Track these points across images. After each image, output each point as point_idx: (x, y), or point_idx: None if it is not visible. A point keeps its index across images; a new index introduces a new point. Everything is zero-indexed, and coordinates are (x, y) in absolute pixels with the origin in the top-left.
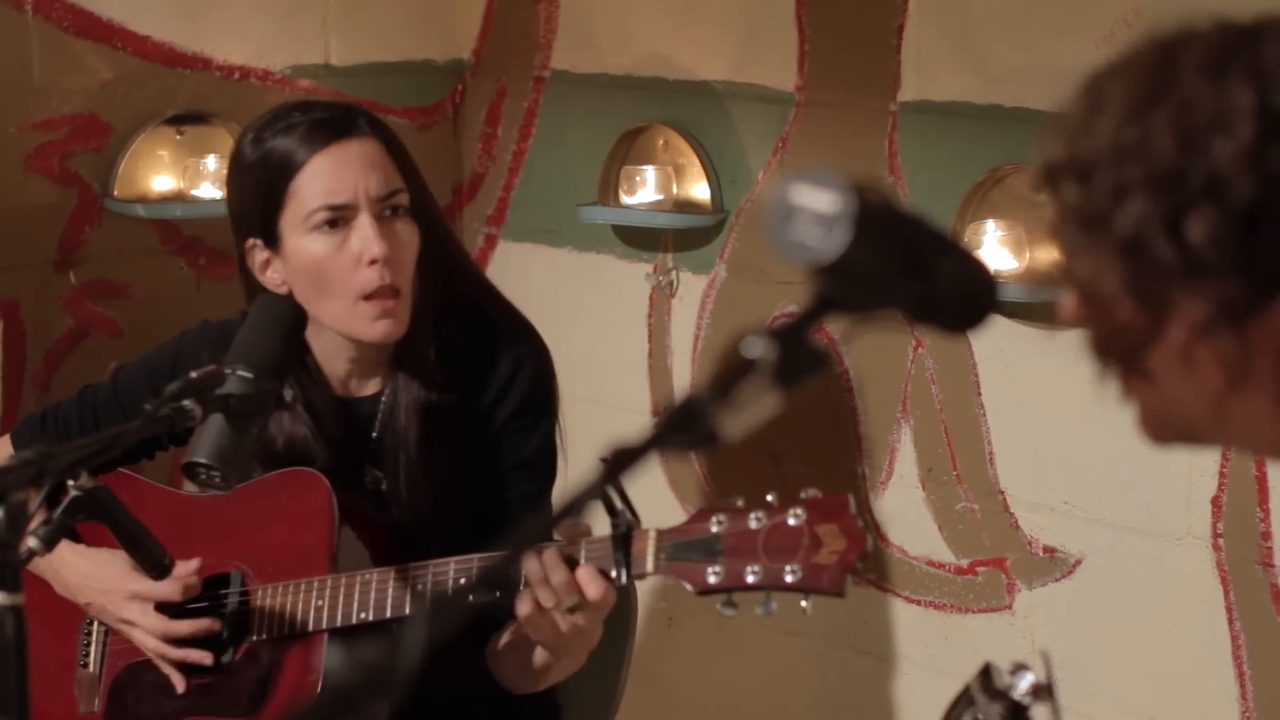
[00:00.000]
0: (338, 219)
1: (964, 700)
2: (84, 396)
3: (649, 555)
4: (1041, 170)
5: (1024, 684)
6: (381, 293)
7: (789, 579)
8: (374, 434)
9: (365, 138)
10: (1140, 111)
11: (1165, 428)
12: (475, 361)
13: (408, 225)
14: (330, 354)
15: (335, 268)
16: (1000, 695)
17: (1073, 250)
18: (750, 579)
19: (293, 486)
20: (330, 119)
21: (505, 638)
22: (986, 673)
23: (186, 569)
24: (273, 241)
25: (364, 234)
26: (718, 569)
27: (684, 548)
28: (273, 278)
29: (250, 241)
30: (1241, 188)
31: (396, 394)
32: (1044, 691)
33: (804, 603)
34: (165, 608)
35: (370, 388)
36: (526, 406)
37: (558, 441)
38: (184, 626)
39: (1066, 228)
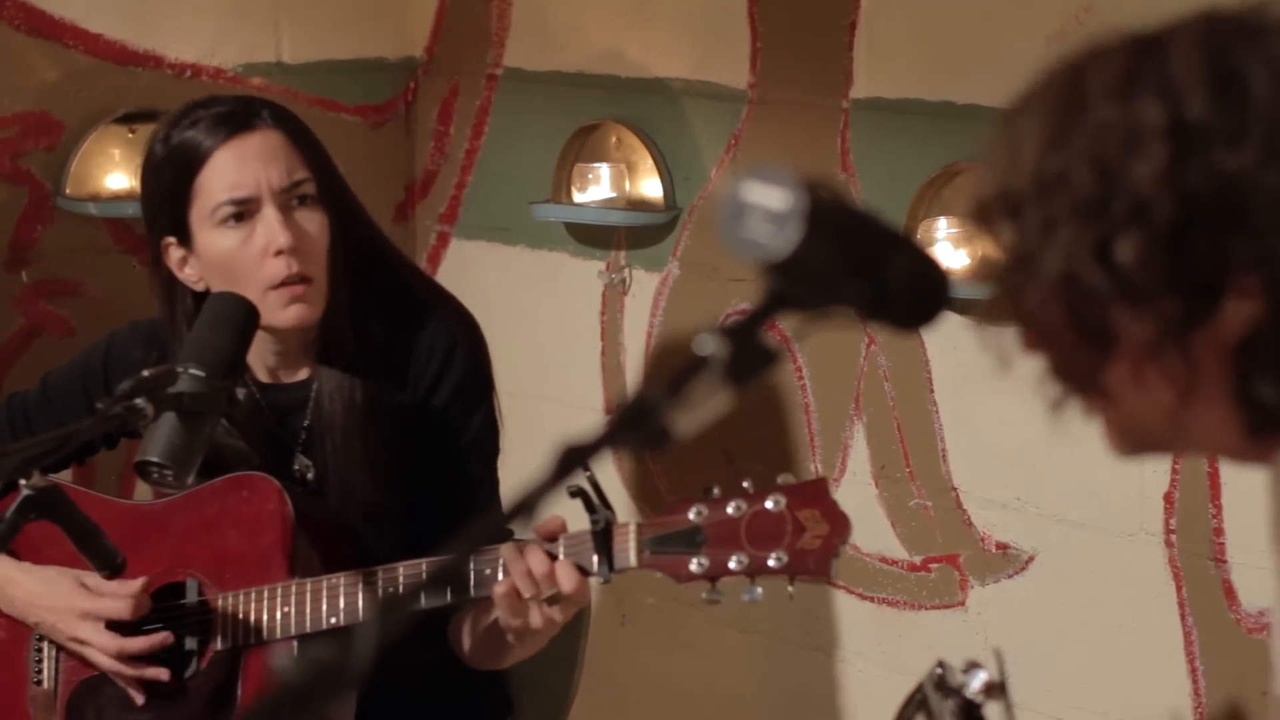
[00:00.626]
0: (243, 212)
1: (917, 699)
2: (11, 403)
3: (631, 549)
4: (974, 211)
5: (977, 682)
6: (290, 281)
7: (774, 565)
8: (305, 422)
9: (267, 130)
10: (1056, 144)
11: (1131, 441)
12: (406, 345)
13: (314, 214)
14: (258, 344)
15: (243, 260)
16: (953, 693)
17: (1014, 287)
18: (735, 567)
19: (242, 491)
20: (231, 113)
21: (471, 618)
22: (940, 671)
23: (132, 587)
24: (186, 239)
25: (269, 226)
26: (702, 560)
27: (666, 540)
28: (189, 274)
29: (165, 240)
30: (1163, 208)
31: (324, 382)
32: (997, 689)
33: (790, 588)
34: (118, 624)
35: (299, 377)
36: (465, 388)
37: (498, 420)
38: (139, 643)
39: (1005, 266)
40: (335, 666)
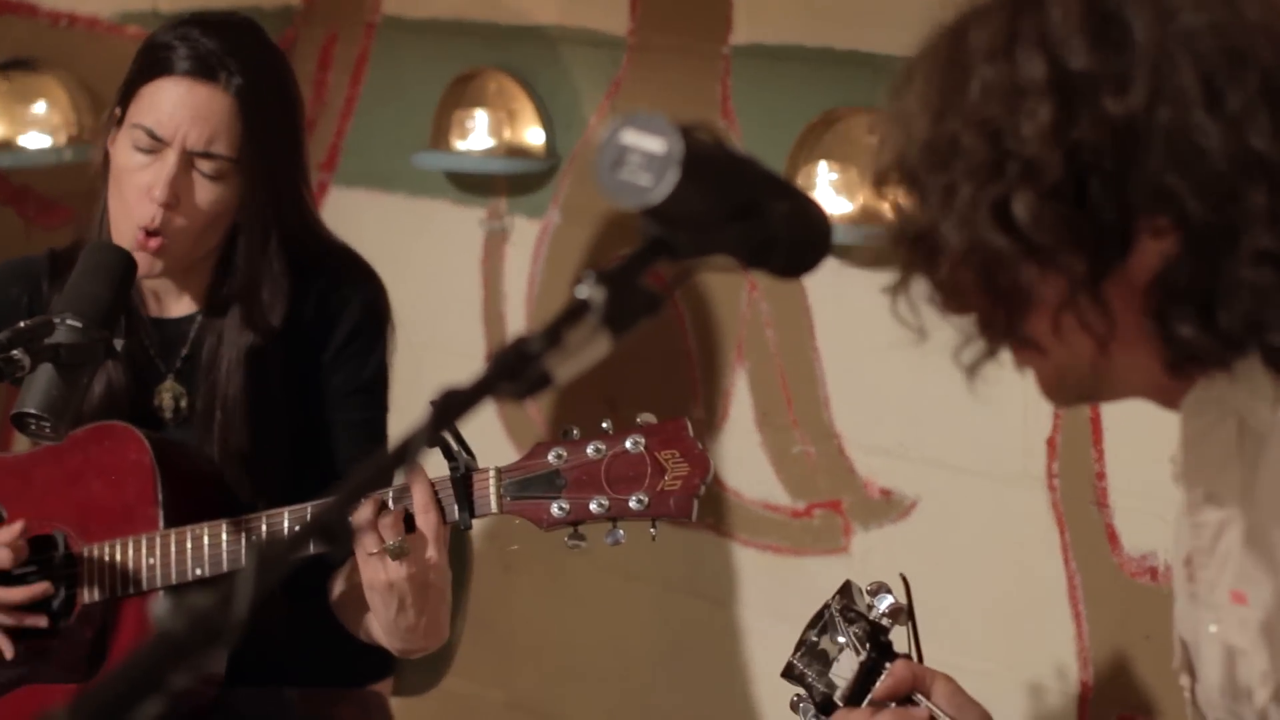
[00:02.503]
0: (153, 146)
1: (822, 620)
2: None
3: (491, 495)
4: (875, 186)
5: (883, 605)
6: (150, 231)
7: (635, 507)
8: (184, 353)
9: (221, 92)
10: (944, 111)
11: (1062, 391)
12: (304, 292)
13: (214, 187)
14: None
15: (129, 183)
16: (859, 616)
17: (924, 256)
18: (596, 510)
19: (106, 441)
20: (204, 55)
21: (340, 584)
22: (846, 592)
23: (9, 533)
24: (120, 120)
25: (161, 172)
26: (563, 504)
27: (526, 485)
28: (102, 164)
29: (115, 110)
30: (1054, 164)
31: (213, 323)
32: (903, 614)
33: (652, 530)
34: None
35: (182, 307)
36: (358, 333)
37: (389, 372)
38: (19, 593)
39: (912, 236)
40: (212, 618)
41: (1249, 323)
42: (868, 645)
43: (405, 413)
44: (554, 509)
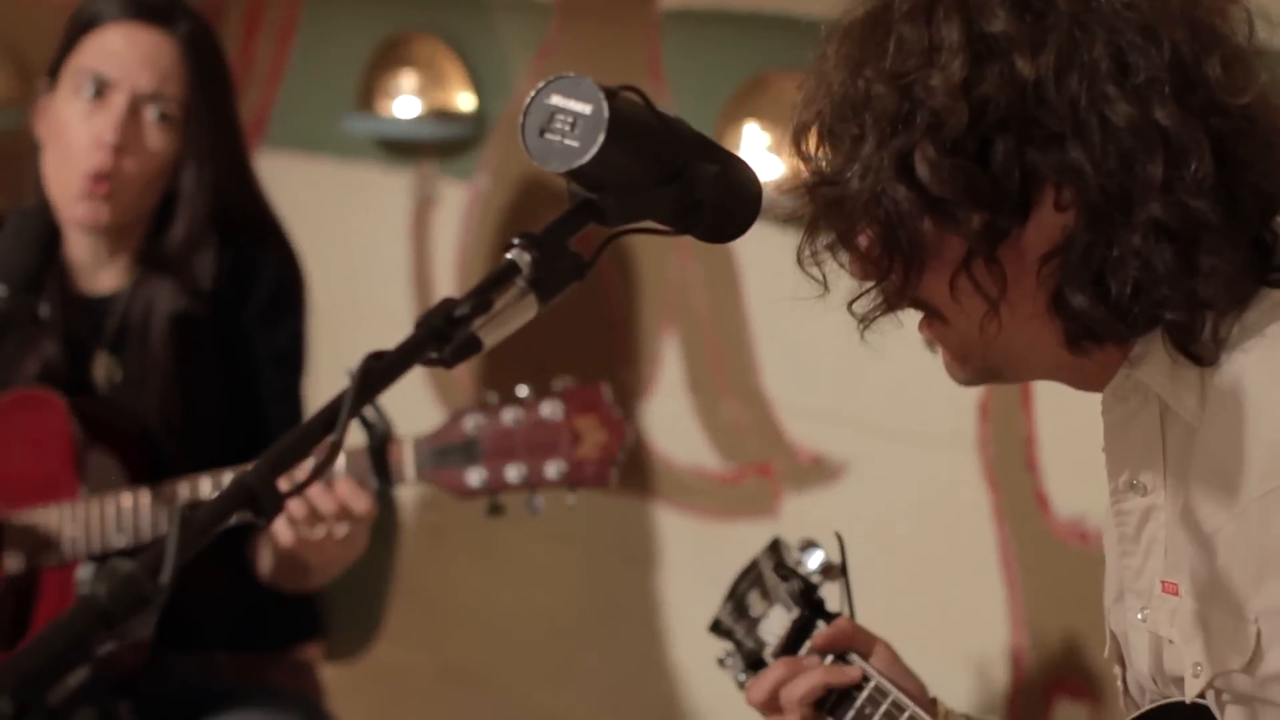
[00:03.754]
0: (99, 91)
1: (750, 575)
2: None
3: (408, 463)
4: (791, 140)
5: (814, 562)
6: (98, 176)
7: (553, 475)
8: (115, 325)
9: (169, 36)
10: (861, 66)
11: (968, 368)
12: (226, 262)
13: (163, 134)
14: (71, 244)
15: (75, 134)
16: (790, 573)
17: (828, 211)
18: (513, 479)
19: (26, 408)
20: (149, 1)
21: (266, 536)
22: (775, 549)
23: None
24: (54, 84)
25: (110, 115)
26: (480, 471)
27: (443, 453)
28: (42, 129)
29: (46, 79)
30: (958, 118)
31: (144, 291)
32: (835, 571)
33: (571, 498)
34: None
35: (111, 279)
36: (273, 302)
37: (305, 338)
38: None
39: (819, 189)
40: (137, 584)
41: (1142, 295)
42: (799, 603)
43: (334, 380)
44: (471, 478)
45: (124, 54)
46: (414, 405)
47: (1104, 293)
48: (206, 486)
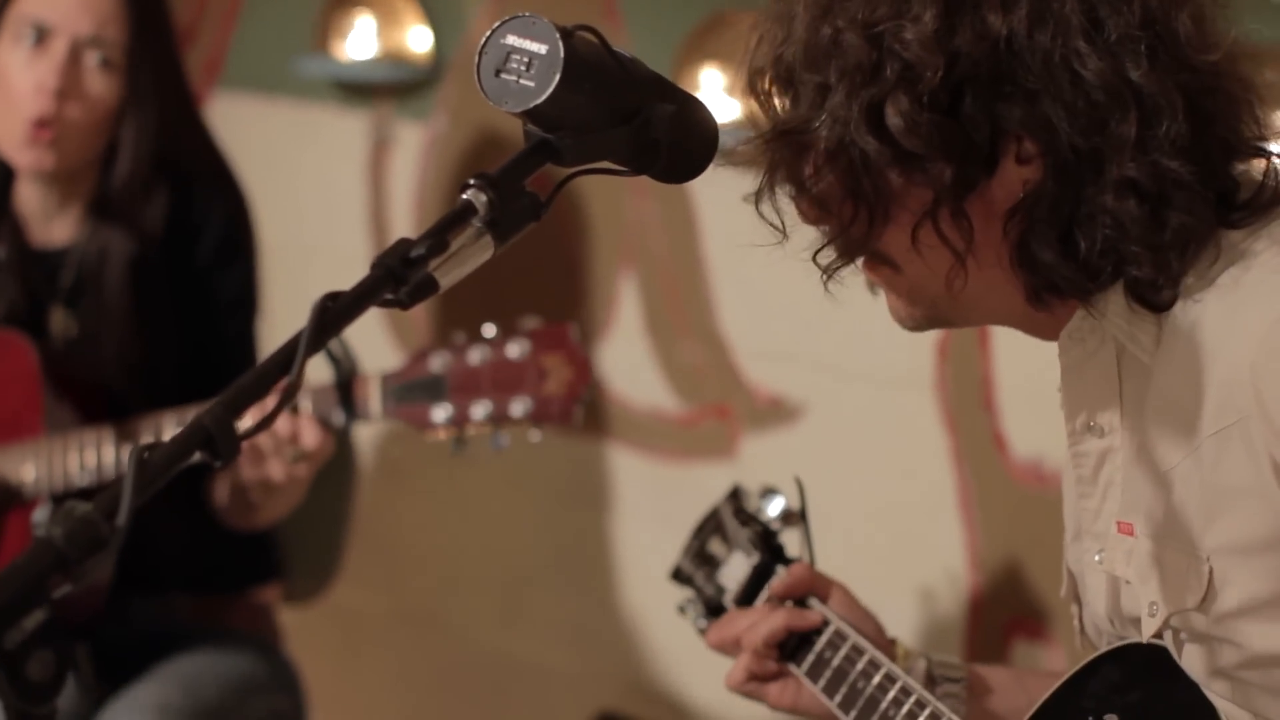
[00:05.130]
0: (40, 38)
1: (711, 523)
2: None
3: (374, 399)
4: (748, 84)
5: (774, 508)
6: (41, 122)
7: (518, 412)
8: (71, 275)
9: None
10: (828, 12)
11: (914, 313)
12: (176, 206)
13: (105, 79)
14: (23, 194)
15: (16, 82)
16: (750, 519)
17: (789, 158)
18: (478, 415)
19: None
20: None
21: (225, 475)
22: (735, 496)
23: None
24: None
25: (51, 61)
26: (445, 408)
27: (409, 389)
28: None
29: None
30: (931, 71)
31: (96, 241)
32: (795, 517)
33: (535, 435)
34: None
35: (64, 230)
36: (223, 245)
37: (258, 281)
38: None
39: (779, 136)
40: (93, 526)
41: (1109, 252)
42: (759, 548)
43: (291, 321)
44: (436, 414)
45: (64, 1)
46: (373, 346)
47: (1072, 249)
48: (170, 424)
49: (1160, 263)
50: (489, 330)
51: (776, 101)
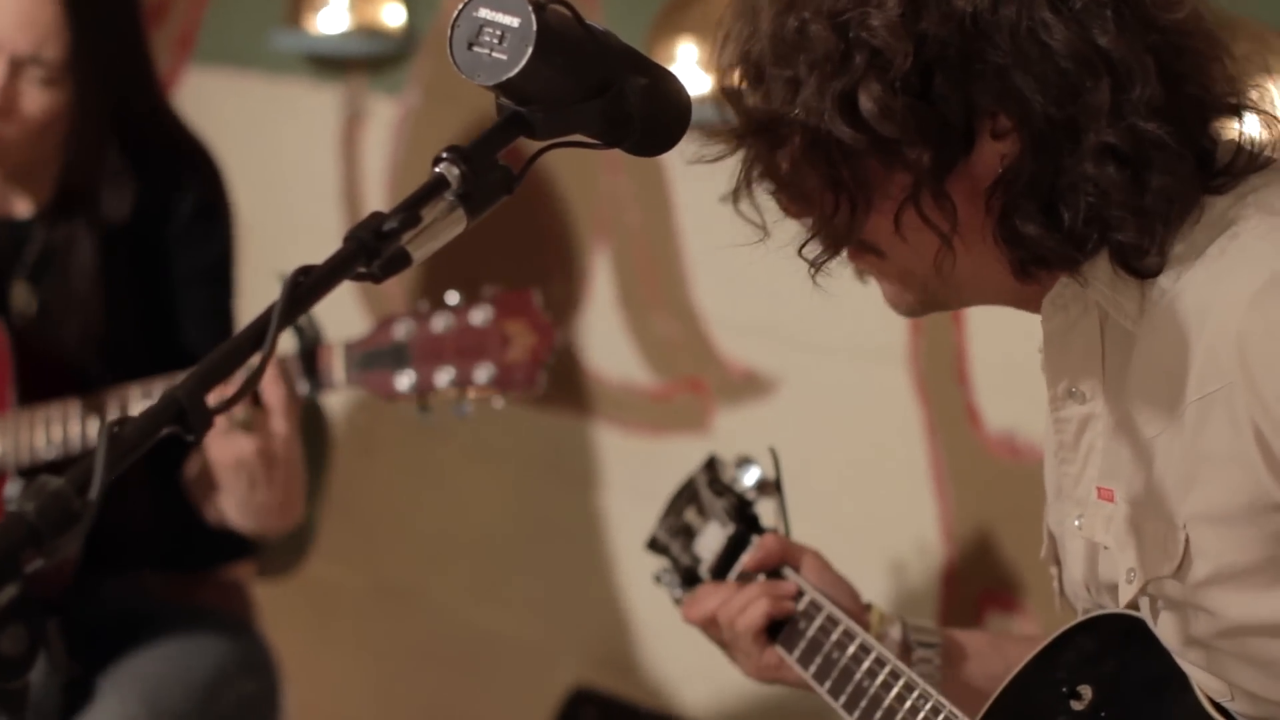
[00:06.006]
0: None
1: (686, 493)
2: None
3: (337, 367)
4: (719, 83)
5: (749, 478)
6: None
7: (481, 378)
8: (34, 252)
9: None
10: (792, 4)
11: (908, 298)
12: (147, 183)
13: (45, 94)
14: None
15: None
16: (725, 489)
17: (765, 153)
18: (441, 381)
19: None
20: None
21: (195, 466)
22: (711, 466)
23: None
24: None
25: None
26: (409, 375)
27: (373, 357)
28: None
29: None
30: (901, 56)
31: (62, 228)
32: (771, 487)
33: (499, 401)
34: None
35: (25, 205)
36: (197, 222)
37: (233, 256)
38: None
39: (754, 132)
40: (65, 500)
41: (1093, 220)
42: (734, 519)
43: (263, 296)
44: (400, 381)
45: (1, 18)
46: (345, 318)
47: (1056, 220)
48: (135, 397)
49: (1144, 226)
50: (452, 297)
51: (749, 99)
